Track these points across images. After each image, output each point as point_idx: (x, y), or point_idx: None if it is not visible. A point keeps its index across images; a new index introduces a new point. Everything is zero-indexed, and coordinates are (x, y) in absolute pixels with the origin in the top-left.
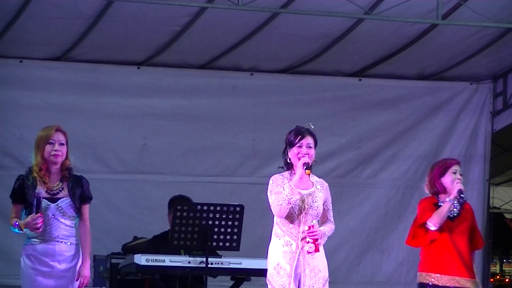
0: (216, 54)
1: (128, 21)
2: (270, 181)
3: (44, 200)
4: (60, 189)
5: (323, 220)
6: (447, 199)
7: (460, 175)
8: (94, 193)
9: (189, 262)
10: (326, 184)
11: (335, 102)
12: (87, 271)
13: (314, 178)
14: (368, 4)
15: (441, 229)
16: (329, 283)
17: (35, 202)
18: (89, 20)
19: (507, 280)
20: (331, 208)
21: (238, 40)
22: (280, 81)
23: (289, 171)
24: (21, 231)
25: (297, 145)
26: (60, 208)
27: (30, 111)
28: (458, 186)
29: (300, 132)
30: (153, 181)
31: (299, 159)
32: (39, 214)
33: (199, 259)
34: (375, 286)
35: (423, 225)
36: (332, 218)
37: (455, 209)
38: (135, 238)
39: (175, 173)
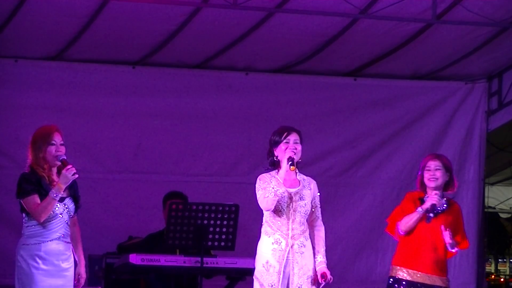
0: (211, 53)
1: (123, 21)
2: (258, 180)
3: None
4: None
5: (312, 218)
6: (419, 209)
7: (436, 169)
8: (89, 192)
9: (184, 262)
10: (313, 182)
11: (330, 101)
12: (84, 272)
13: (301, 176)
14: (363, 4)
15: (421, 223)
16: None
17: (61, 163)
18: (84, 20)
19: (502, 279)
20: (319, 205)
21: (233, 40)
22: (276, 80)
23: (277, 170)
24: (60, 193)
25: (284, 141)
26: (67, 207)
27: (25, 110)
28: (433, 200)
29: (286, 129)
30: (149, 181)
31: (290, 153)
32: (69, 164)
33: (194, 258)
34: (370, 285)
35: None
36: (320, 214)
37: (444, 206)
38: (130, 237)
39: (171, 172)
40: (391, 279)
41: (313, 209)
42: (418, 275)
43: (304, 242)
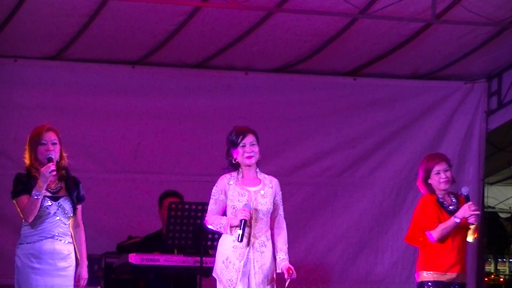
0: (210, 53)
1: (123, 20)
2: (217, 183)
3: (46, 198)
4: (59, 187)
5: (274, 216)
6: (456, 219)
7: (445, 171)
8: (88, 192)
9: (184, 262)
10: (275, 180)
11: (330, 101)
12: (85, 273)
13: (262, 175)
14: (363, 3)
15: None
16: (321, 282)
17: (47, 159)
18: (84, 19)
19: (501, 279)
20: (281, 203)
21: (233, 39)
22: (275, 80)
23: (237, 171)
24: (41, 192)
25: (240, 145)
26: (61, 206)
27: (24, 110)
28: (465, 212)
29: (241, 132)
30: (148, 181)
31: (246, 157)
32: (51, 162)
33: (193, 258)
34: (370, 285)
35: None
36: (283, 212)
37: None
38: (130, 237)
39: (170, 172)
40: (427, 285)
41: (275, 208)
42: (452, 276)
43: (265, 242)
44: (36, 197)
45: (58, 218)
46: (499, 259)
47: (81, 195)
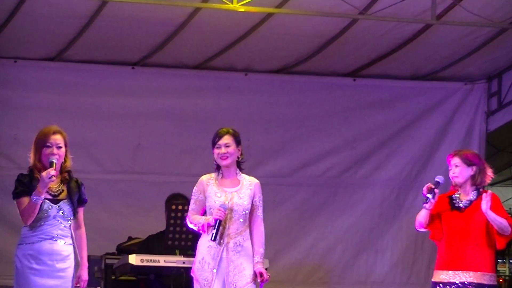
0: (210, 54)
1: (123, 21)
2: (197, 182)
3: (46, 201)
4: (61, 190)
5: (252, 217)
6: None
7: (456, 166)
8: (89, 193)
9: (184, 262)
10: (256, 182)
11: (330, 102)
12: (85, 275)
13: (242, 176)
14: (363, 4)
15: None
16: (321, 283)
17: (49, 164)
18: (84, 20)
19: (501, 280)
20: (260, 204)
21: (233, 41)
22: (275, 81)
23: (217, 172)
24: (40, 197)
25: (216, 146)
26: (61, 209)
27: (24, 111)
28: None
29: (218, 133)
30: (148, 181)
31: (220, 158)
32: (52, 168)
33: (193, 259)
34: (370, 286)
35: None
36: (262, 214)
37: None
38: (130, 238)
39: (170, 173)
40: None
41: (253, 209)
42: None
43: (241, 242)
44: (35, 201)
45: (58, 220)
46: (499, 260)
47: (83, 197)
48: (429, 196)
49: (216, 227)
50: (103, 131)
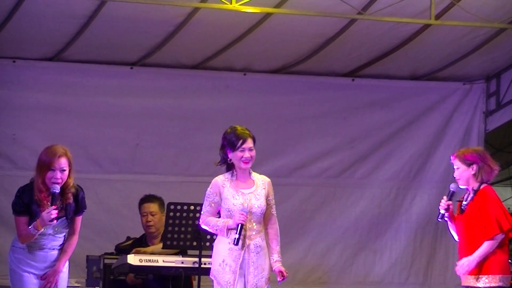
0: (209, 54)
1: (121, 21)
2: (211, 184)
3: None
4: (60, 208)
5: (267, 216)
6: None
7: (457, 168)
8: (87, 193)
9: (182, 262)
10: (268, 180)
11: (328, 102)
12: (52, 276)
13: (255, 176)
14: (361, 4)
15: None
16: (320, 283)
17: (51, 196)
18: (82, 20)
19: None
20: (273, 203)
21: (231, 40)
22: (273, 81)
23: (231, 172)
24: (39, 231)
25: (240, 149)
26: (57, 226)
27: (23, 111)
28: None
29: (241, 136)
30: (146, 181)
31: (243, 162)
32: (53, 206)
33: (192, 259)
34: (368, 286)
35: None
36: (275, 212)
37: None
38: (128, 238)
39: (168, 173)
40: None
41: (267, 207)
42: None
43: (260, 242)
44: (32, 232)
45: (53, 235)
46: None
47: (81, 207)
48: (442, 211)
49: (238, 231)
50: (102, 131)
